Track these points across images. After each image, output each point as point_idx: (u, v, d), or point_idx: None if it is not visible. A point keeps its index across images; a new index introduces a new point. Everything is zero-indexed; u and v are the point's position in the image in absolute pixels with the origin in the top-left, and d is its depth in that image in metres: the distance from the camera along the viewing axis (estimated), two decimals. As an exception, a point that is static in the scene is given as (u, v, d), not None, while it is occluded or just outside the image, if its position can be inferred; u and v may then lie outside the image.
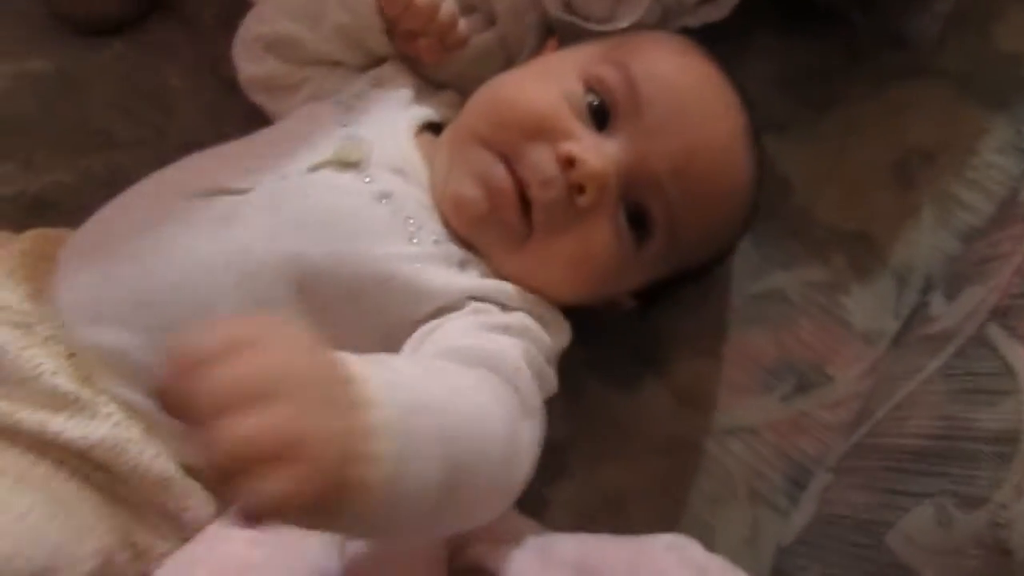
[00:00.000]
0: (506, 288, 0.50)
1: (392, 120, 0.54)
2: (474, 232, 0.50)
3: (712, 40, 0.58)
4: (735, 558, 0.51)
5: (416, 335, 0.47)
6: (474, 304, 0.49)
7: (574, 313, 0.57)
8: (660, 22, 0.61)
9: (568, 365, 0.59)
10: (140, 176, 0.53)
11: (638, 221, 0.50)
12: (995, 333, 0.44)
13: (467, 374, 0.42)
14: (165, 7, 0.65)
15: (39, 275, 0.49)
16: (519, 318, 0.49)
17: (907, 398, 0.49)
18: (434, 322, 0.47)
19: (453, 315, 0.48)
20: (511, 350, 0.46)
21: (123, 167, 0.60)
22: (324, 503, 0.29)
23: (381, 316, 0.48)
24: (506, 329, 0.48)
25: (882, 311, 0.60)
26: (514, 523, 0.55)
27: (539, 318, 0.50)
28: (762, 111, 0.60)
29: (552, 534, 0.52)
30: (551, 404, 0.58)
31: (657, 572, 0.47)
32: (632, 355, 0.60)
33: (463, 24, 0.56)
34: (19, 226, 0.53)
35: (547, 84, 0.51)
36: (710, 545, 0.50)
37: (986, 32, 0.65)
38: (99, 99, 0.62)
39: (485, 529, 0.54)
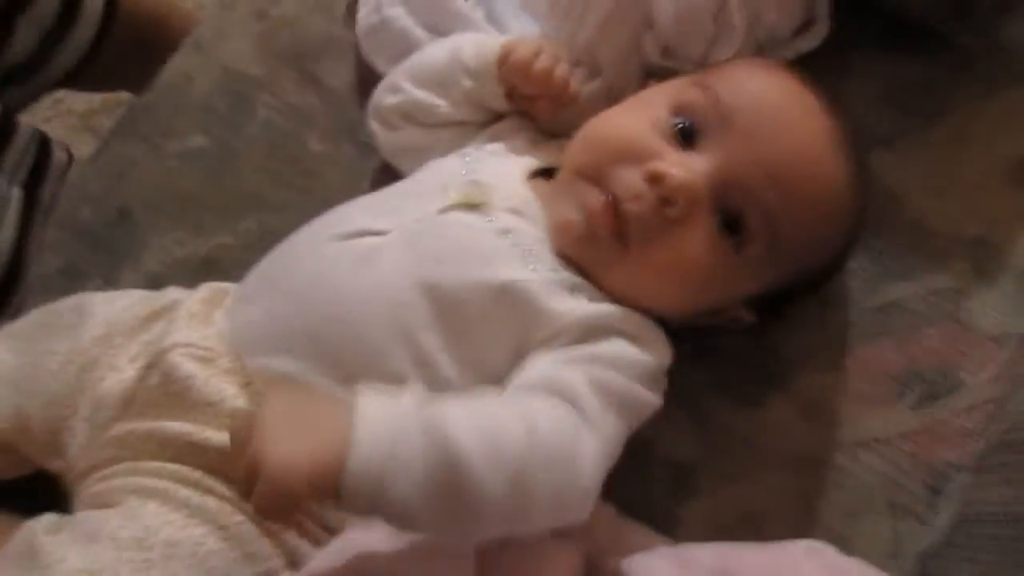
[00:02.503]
0: (612, 311, 0.53)
1: (510, 168, 0.59)
2: (579, 253, 0.54)
3: (811, 65, 0.61)
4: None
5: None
6: (576, 333, 0.52)
7: (698, 335, 0.60)
8: (756, 57, 0.64)
9: (692, 387, 0.61)
10: (290, 234, 0.59)
11: (734, 228, 0.52)
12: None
13: (515, 399, 0.48)
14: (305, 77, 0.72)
15: (214, 319, 0.55)
16: (612, 346, 0.52)
17: (1043, 390, 0.49)
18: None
19: (554, 344, 0.52)
20: (573, 376, 0.49)
21: (274, 227, 0.67)
22: (294, 501, 0.41)
23: (509, 335, 0.52)
24: (591, 359, 0.51)
25: (1009, 312, 0.59)
26: (648, 539, 0.57)
27: (637, 339, 0.53)
28: (867, 128, 0.62)
29: (688, 544, 0.53)
30: (678, 427, 0.60)
31: (796, 574, 0.48)
32: (755, 374, 0.61)
33: (574, 82, 0.60)
34: (192, 284, 0.60)
35: (636, 114, 0.56)
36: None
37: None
38: (251, 166, 0.70)
39: (619, 544, 0.56)
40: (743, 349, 0.62)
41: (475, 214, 0.55)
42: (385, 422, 0.43)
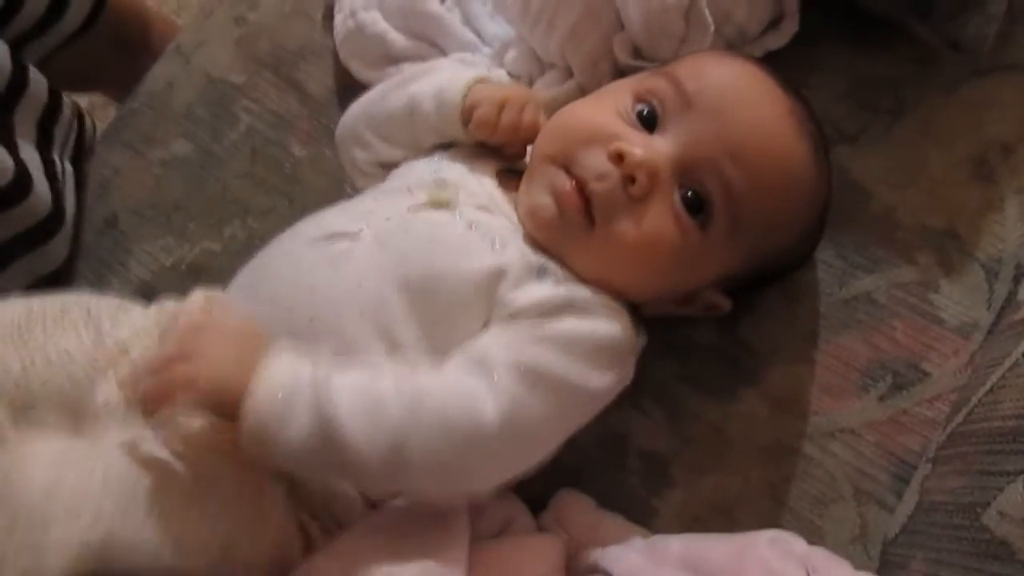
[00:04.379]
0: (573, 290, 0.54)
1: (478, 166, 0.61)
2: (548, 236, 0.56)
3: (776, 60, 0.62)
4: (845, 556, 0.53)
5: None
6: (532, 313, 0.53)
7: (671, 327, 0.61)
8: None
9: (665, 380, 0.63)
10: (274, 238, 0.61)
11: (699, 206, 0.54)
12: (1074, 310, 0.45)
13: (430, 374, 0.51)
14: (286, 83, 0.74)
15: None
16: (565, 324, 0.53)
17: (998, 383, 0.50)
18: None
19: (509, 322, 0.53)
20: (503, 356, 0.51)
21: (260, 233, 0.69)
22: (207, 401, 0.47)
23: (479, 320, 0.54)
24: (537, 339, 0.52)
25: (975, 304, 0.60)
26: (624, 530, 0.59)
27: (598, 315, 0.54)
28: (831, 124, 0.63)
29: (660, 535, 0.55)
30: (652, 419, 0.62)
31: (760, 564, 0.49)
32: (726, 367, 0.63)
33: (543, 120, 0.61)
34: (181, 291, 0.62)
35: (602, 103, 0.58)
36: (820, 545, 0.52)
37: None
38: (234, 172, 0.71)
39: (597, 535, 0.58)
40: (714, 342, 0.63)
41: (442, 211, 0.57)
42: (286, 379, 0.48)
